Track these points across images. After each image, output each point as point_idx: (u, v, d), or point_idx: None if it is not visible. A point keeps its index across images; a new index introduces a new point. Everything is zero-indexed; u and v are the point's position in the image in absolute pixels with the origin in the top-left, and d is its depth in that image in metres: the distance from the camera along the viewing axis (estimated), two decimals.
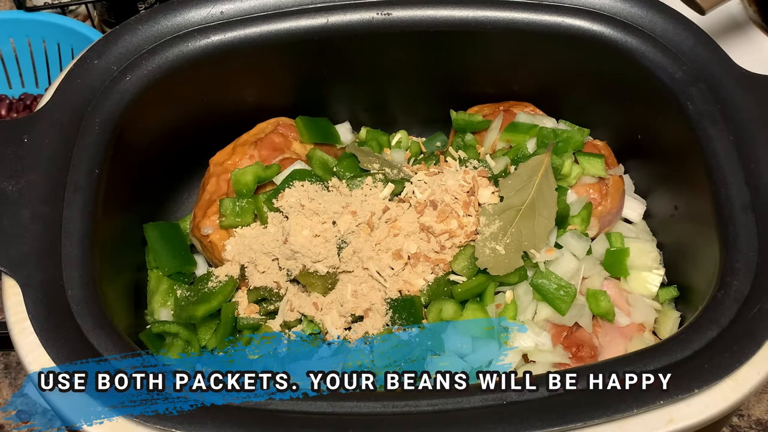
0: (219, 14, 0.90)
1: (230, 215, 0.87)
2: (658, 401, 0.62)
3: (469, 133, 1.00)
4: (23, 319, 0.68)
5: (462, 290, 0.84)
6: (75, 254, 0.72)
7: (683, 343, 0.67)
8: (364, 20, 0.92)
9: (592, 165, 0.92)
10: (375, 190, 0.89)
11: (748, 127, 0.80)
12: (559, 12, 0.91)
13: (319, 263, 0.83)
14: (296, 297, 0.84)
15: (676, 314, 0.88)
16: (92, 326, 0.68)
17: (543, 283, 0.84)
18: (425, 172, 0.92)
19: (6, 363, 1.07)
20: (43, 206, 0.74)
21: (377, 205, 0.87)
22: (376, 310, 0.83)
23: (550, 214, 0.86)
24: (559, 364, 0.80)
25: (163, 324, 0.84)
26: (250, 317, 0.85)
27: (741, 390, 0.64)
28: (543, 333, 0.82)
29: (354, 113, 1.07)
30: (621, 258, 0.89)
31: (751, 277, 0.71)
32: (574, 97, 0.99)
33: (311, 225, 0.84)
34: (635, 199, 0.99)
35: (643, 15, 0.89)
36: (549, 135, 0.93)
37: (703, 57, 0.86)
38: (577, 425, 0.61)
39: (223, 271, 0.86)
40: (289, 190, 0.87)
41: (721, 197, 0.77)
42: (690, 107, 0.83)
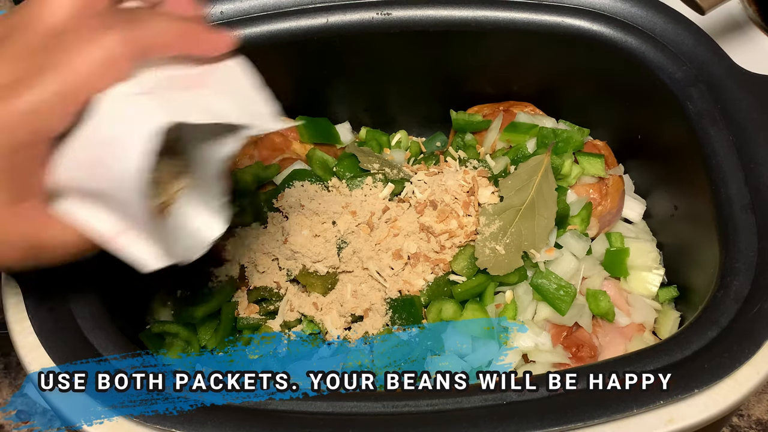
0: (219, 14, 0.91)
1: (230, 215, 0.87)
2: (658, 401, 0.62)
3: (469, 133, 1.00)
4: (23, 319, 0.68)
5: (462, 290, 0.84)
6: None
7: (683, 343, 0.67)
8: (364, 20, 0.92)
9: (592, 165, 0.92)
10: (375, 190, 0.89)
11: (748, 127, 0.80)
12: (559, 12, 0.91)
13: (319, 263, 0.83)
14: (296, 297, 0.84)
15: (676, 314, 0.88)
16: (92, 326, 0.68)
17: (543, 283, 0.84)
18: (425, 172, 0.92)
19: (6, 363, 1.08)
20: None
21: (377, 205, 0.87)
22: (376, 310, 0.83)
23: (550, 214, 0.86)
24: (559, 364, 0.80)
25: (163, 324, 0.84)
26: (250, 317, 0.85)
27: (741, 390, 0.64)
28: (543, 333, 0.82)
29: (354, 113, 1.07)
30: (621, 258, 0.89)
31: (751, 277, 0.71)
32: (574, 97, 1.00)
33: (311, 225, 0.84)
34: (635, 199, 0.99)
35: (643, 15, 0.90)
36: (549, 135, 0.93)
37: (703, 57, 0.86)
38: (577, 425, 0.61)
39: (223, 271, 0.86)
40: (289, 190, 0.87)
41: (721, 197, 0.77)
42: (690, 107, 0.83)
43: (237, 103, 0.57)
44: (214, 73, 0.57)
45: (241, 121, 0.56)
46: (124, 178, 0.50)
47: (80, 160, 0.52)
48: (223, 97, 0.56)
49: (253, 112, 0.57)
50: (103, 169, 0.51)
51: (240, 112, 0.56)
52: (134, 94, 0.52)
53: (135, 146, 0.50)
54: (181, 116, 0.51)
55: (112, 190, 0.52)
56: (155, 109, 0.51)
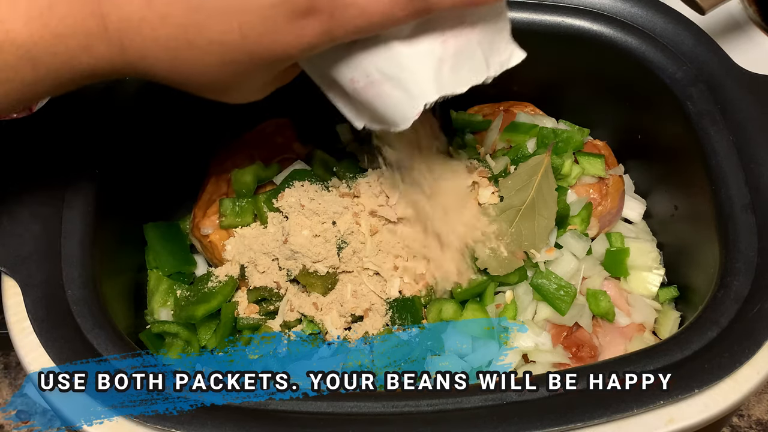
0: None
1: (230, 215, 0.87)
2: (658, 401, 0.62)
3: (469, 133, 1.00)
4: (23, 319, 0.68)
5: (462, 290, 0.84)
6: (75, 254, 0.72)
7: (683, 343, 0.67)
8: None
9: (592, 165, 0.92)
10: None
11: (748, 127, 0.80)
12: (559, 12, 0.91)
13: (319, 263, 0.83)
14: (296, 297, 0.84)
15: (676, 314, 0.88)
16: (92, 326, 0.68)
17: (543, 283, 0.84)
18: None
19: (6, 363, 1.08)
20: (43, 206, 0.74)
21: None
22: (376, 310, 0.83)
23: (550, 214, 0.86)
24: (559, 364, 0.80)
25: (163, 324, 0.84)
26: (250, 317, 0.85)
27: (741, 390, 0.64)
28: (543, 333, 0.82)
29: None
30: (621, 258, 0.89)
31: (751, 277, 0.71)
32: (574, 97, 1.00)
33: (311, 225, 0.84)
34: (635, 199, 0.99)
35: (643, 15, 0.90)
36: (549, 135, 0.93)
37: (703, 57, 0.86)
38: (577, 425, 0.61)
39: (223, 271, 0.86)
40: (289, 190, 0.87)
41: (721, 197, 0.77)
42: (690, 107, 0.83)
43: (491, 45, 0.63)
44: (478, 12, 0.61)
45: (491, 71, 0.64)
46: (396, 120, 0.61)
47: (363, 73, 0.60)
48: (484, 42, 0.62)
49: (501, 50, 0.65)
50: (380, 101, 0.61)
51: (492, 57, 0.64)
52: (424, 57, 0.59)
53: (409, 108, 0.60)
54: (452, 89, 0.62)
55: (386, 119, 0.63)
56: (433, 87, 0.60)
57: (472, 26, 0.60)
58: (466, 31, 0.60)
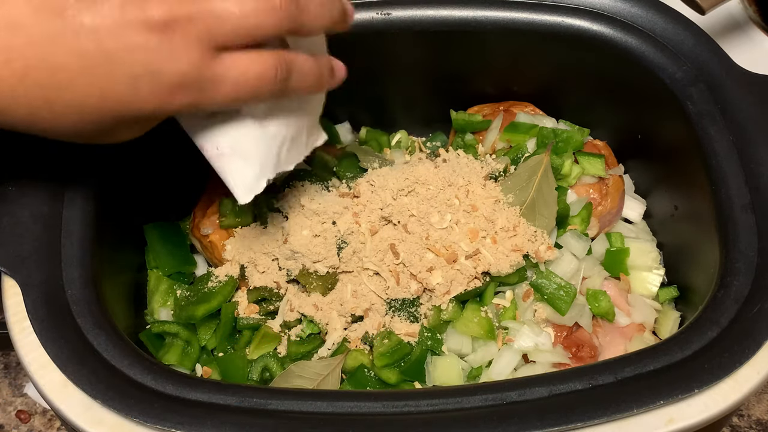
0: None
1: (230, 215, 0.87)
2: (658, 401, 0.62)
3: (469, 133, 1.00)
4: (23, 319, 0.68)
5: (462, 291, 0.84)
6: (75, 254, 0.72)
7: (683, 343, 0.67)
8: (364, 20, 0.92)
9: (592, 165, 0.92)
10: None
11: (748, 127, 0.80)
12: (559, 12, 0.91)
13: (319, 263, 0.83)
14: (296, 297, 0.84)
15: (676, 314, 0.88)
16: (92, 326, 0.68)
17: (543, 283, 0.84)
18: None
19: (6, 363, 1.08)
20: (43, 206, 0.74)
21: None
22: (376, 310, 0.83)
23: (550, 214, 0.86)
24: (559, 364, 0.80)
25: (163, 324, 0.84)
26: (250, 317, 0.85)
27: (741, 390, 0.64)
28: (543, 333, 0.82)
29: (354, 113, 1.07)
30: (621, 258, 0.89)
31: (751, 277, 0.71)
32: (574, 97, 0.99)
33: (311, 225, 0.84)
34: (635, 199, 0.99)
35: (643, 15, 0.89)
36: (549, 135, 0.93)
37: (703, 57, 0.86)
38: (577, 425, 0.61)
39: (223, 271, 0.86)
40: (289, 190, 0.87)
41: (721, 197, 0.77)
42: (690, 107, 0.83)
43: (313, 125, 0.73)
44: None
45: (307, 151, 0.73)
46: (239, 193, 0.66)
47: (214, 144, 0.65)
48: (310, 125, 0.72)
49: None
50: (228, 173, 0.65)
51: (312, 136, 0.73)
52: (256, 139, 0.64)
53: (254, 183, 0.66)
54: (284, 168, 0.68)
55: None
56: (275, 166, 0.66)
57: (305, 113, 0.68)
58: (301, 117, 0.67)
